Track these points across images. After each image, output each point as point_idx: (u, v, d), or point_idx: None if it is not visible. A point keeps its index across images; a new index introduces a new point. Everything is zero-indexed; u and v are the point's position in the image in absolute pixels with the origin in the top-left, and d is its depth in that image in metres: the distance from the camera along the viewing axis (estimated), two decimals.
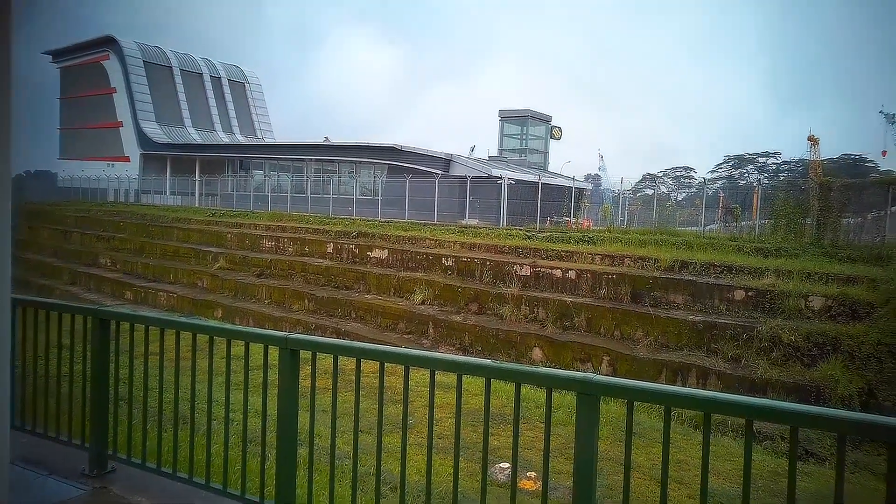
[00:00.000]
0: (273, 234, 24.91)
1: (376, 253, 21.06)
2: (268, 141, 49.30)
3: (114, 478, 3.80)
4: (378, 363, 2.98)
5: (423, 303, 17.91)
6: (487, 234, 20.51)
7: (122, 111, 45.13)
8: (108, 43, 45.95)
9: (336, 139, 39.01)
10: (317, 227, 24.69)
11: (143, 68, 45.28)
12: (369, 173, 32.77)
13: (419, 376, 4.04)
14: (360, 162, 32.90)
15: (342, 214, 27.56)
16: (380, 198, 28.33)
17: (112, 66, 45.69)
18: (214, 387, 3.45)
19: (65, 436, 4.05)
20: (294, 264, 22.46)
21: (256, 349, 3.28)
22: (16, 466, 4.08)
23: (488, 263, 17.76)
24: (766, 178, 56.13)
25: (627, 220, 24.96)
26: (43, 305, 4.52)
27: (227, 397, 3.36)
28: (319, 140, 39.69)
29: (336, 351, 3.09)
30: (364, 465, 3.76)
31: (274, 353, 3.15)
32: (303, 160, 36.85)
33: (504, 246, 18.63)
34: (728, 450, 7.71)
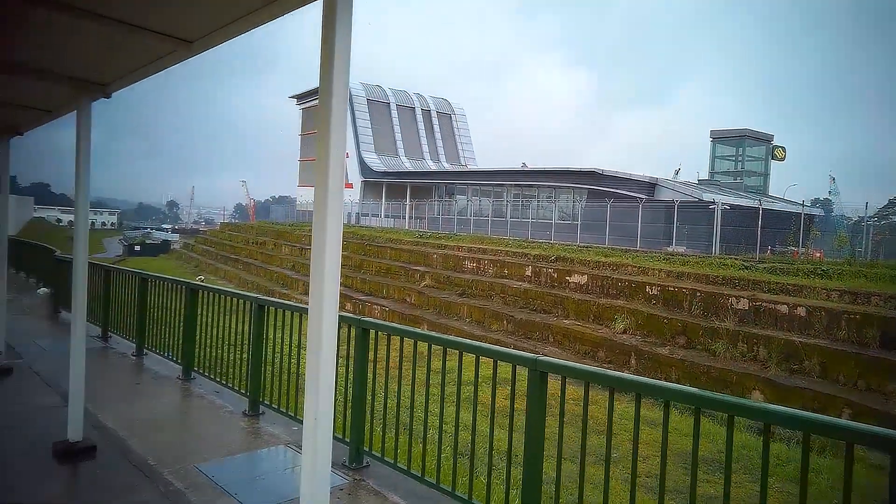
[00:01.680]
0: (474, 256, 26.05)
1: (575, 278, 20.88)
2: (471, 168, 51.97)
3: (369, 472, 4.32)
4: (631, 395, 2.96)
5: (624, 332, 17.28)
6: (697, 263, 19.16)
7: (348, 143, 51.24)
8: None
9: (531, 164, 39.74)
10: (516, 250, 25.27)
11: (366, 105, 50.93)
12: (568, 198, 32.72)
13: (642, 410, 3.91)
14: (559, 186, 33.00)
15: (540, 239, 27.86)
16: (579, 222, 28.09)
17: None
18: (461, 400, 3.77)
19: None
20: (494, 286, 23.20)
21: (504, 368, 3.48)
22: (289, 449, 4.89)
23: (698, 294, 16.58)
24: None
25: (871, 252, 21.48)
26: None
27: (475, 410, 3.61)
28: (517, 166, 40.74)
29: (588, 378, 3.11)
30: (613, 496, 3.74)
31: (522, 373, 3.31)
32: (503, 185, 38.12)
33: (717, 276, 17.24)
34: None
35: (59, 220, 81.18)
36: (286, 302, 6.02)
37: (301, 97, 60.36)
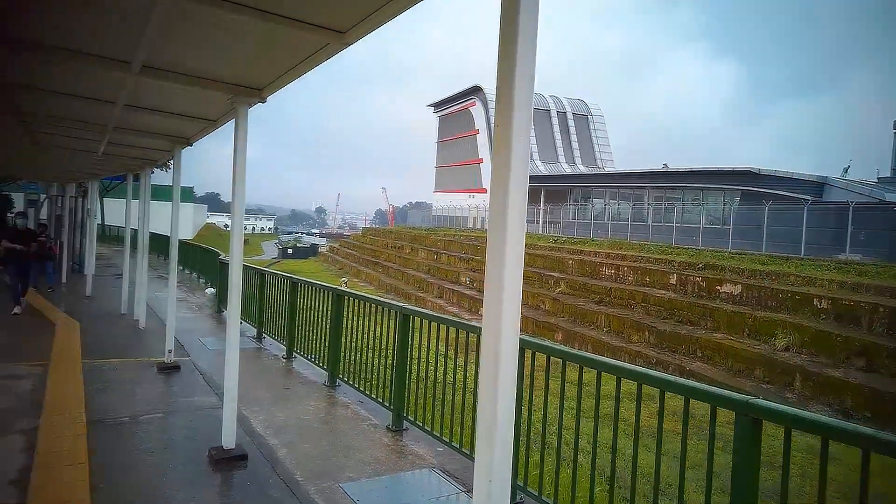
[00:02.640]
0: (612, 262, 24.91)
1: (727, 288, 19.14)
2: (608, 170, 50.06)
3: None
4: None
5: (786, 349, 15.48)
6: (880, 273, 16.69)
7: (483, 149, 51.67)
8: (476, 92, 53.29)
9: (673, 165, 37.32)
10: (658, 256, 23.79)
11: None
12: (717, 200, 30.23)
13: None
14: (707, 188, 30.60)
15: (685, 244, 26.02)
16: (730, 227, 25.79)
17: (477, 111, 52.83)
18: (628, 435, 3.38)
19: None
20: (634, 294, 22.00)
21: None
22: (435, 473, 4.79)
23: (881, 310, 14.38)
24: None
25: None
26: (466, 328, 5.15)
27: (658, 454, 3.13)
28: (657, 167, 38.46)
29: (829, 433, 2.40)
30: None
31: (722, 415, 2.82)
32: (643, 188, 36.18)
33: None
34: None
35: (226, 226, 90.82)
36: (431, 313, 5.94)
37: (438, 105, 62.00)
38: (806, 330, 15.39)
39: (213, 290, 15.23)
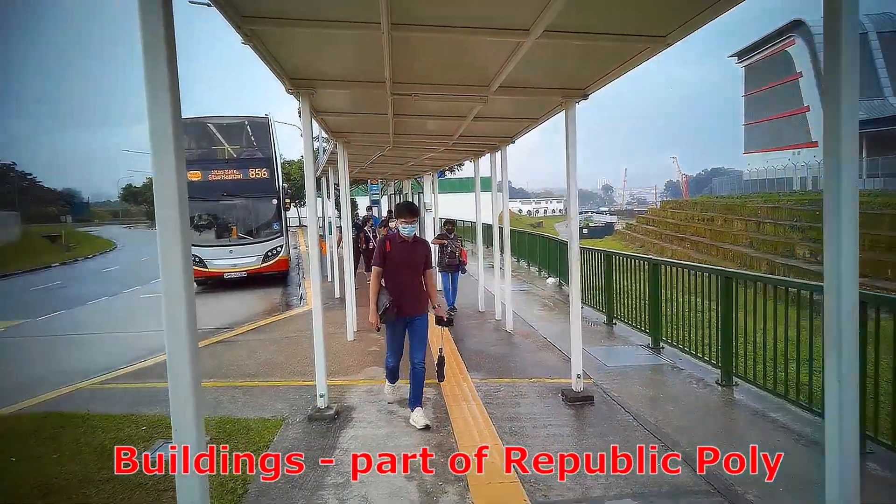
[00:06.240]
0: None
1: None
2: None
3: None
4: None
5: None
6: None
7: (809, 95, 43.13)
8: (794, 28, 44.83)
9: None
10: None
11: (877, 40, 41.25)
12: None
13: None
14: None
15: None
16: None
17: (798, 50, 44.36)
18: None
19: None
20: None
21: None
22: None
23: None
24: None
25: None
26: None
27: None
28: None
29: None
30: None
31: None
32: None
33: None
34: None
35: (520, 210, 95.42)
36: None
37: (742, 54, 54.27)
38: None
39: (553, 279, 15.06)
